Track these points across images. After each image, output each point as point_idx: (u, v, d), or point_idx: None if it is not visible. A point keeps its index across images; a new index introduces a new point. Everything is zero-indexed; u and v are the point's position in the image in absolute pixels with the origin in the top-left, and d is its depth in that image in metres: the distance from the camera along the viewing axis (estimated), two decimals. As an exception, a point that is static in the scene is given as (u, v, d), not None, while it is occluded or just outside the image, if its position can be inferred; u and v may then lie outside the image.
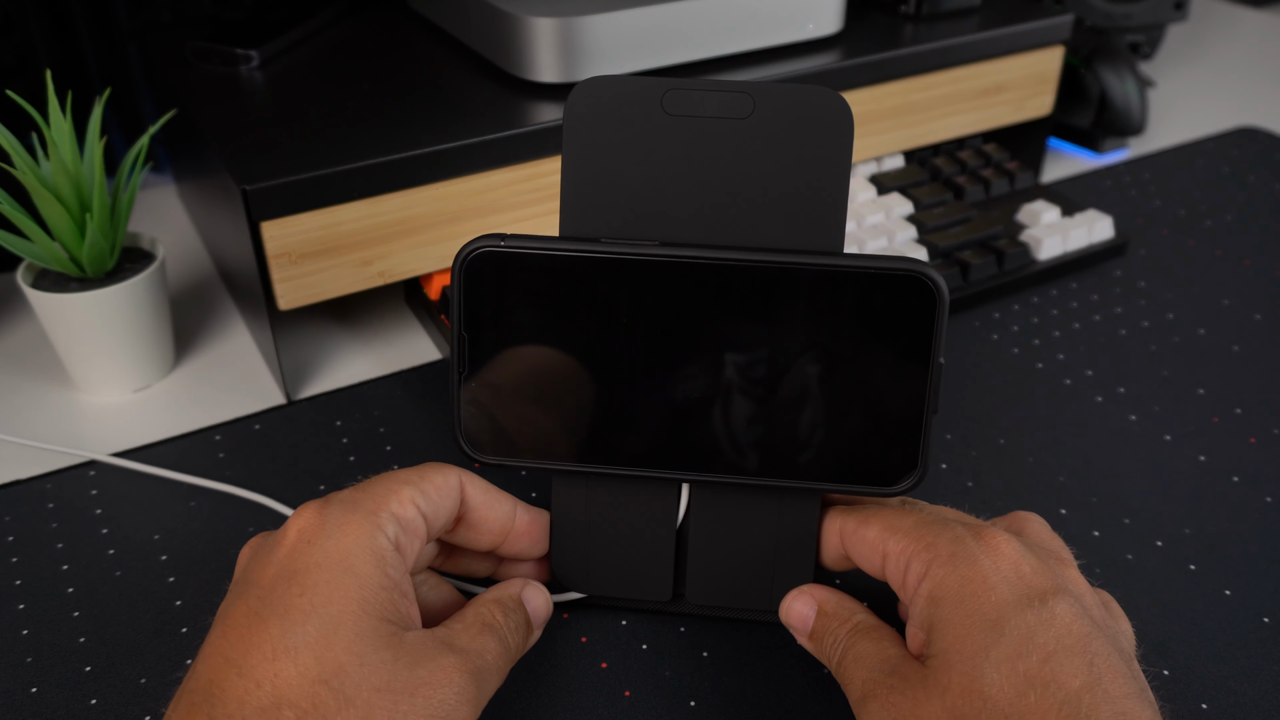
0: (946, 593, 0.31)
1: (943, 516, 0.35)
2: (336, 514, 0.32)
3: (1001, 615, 0.30)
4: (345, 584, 0.30)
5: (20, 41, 0.64)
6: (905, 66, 0.61)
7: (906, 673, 0.32)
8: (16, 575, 0.43)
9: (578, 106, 0.35)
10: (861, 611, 0.36)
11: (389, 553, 0.32)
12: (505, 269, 0.35)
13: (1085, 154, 0.78)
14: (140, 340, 0.53)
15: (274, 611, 0.30)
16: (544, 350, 0.36)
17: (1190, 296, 0.61)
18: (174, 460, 0.49)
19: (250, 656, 0.29)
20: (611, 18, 0.54)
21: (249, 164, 0.48)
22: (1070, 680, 0.29)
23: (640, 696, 0.38)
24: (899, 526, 0.34)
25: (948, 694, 0.30)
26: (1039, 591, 0.31)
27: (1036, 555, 0.33)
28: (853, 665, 0.34)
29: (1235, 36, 1.03)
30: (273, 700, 0.28)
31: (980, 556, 0.32)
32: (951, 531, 0.33)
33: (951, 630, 0.31)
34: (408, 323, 0.59)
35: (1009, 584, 0.31)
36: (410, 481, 0.34)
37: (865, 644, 0.34)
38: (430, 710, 0.30)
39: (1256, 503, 0.46)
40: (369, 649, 0.30)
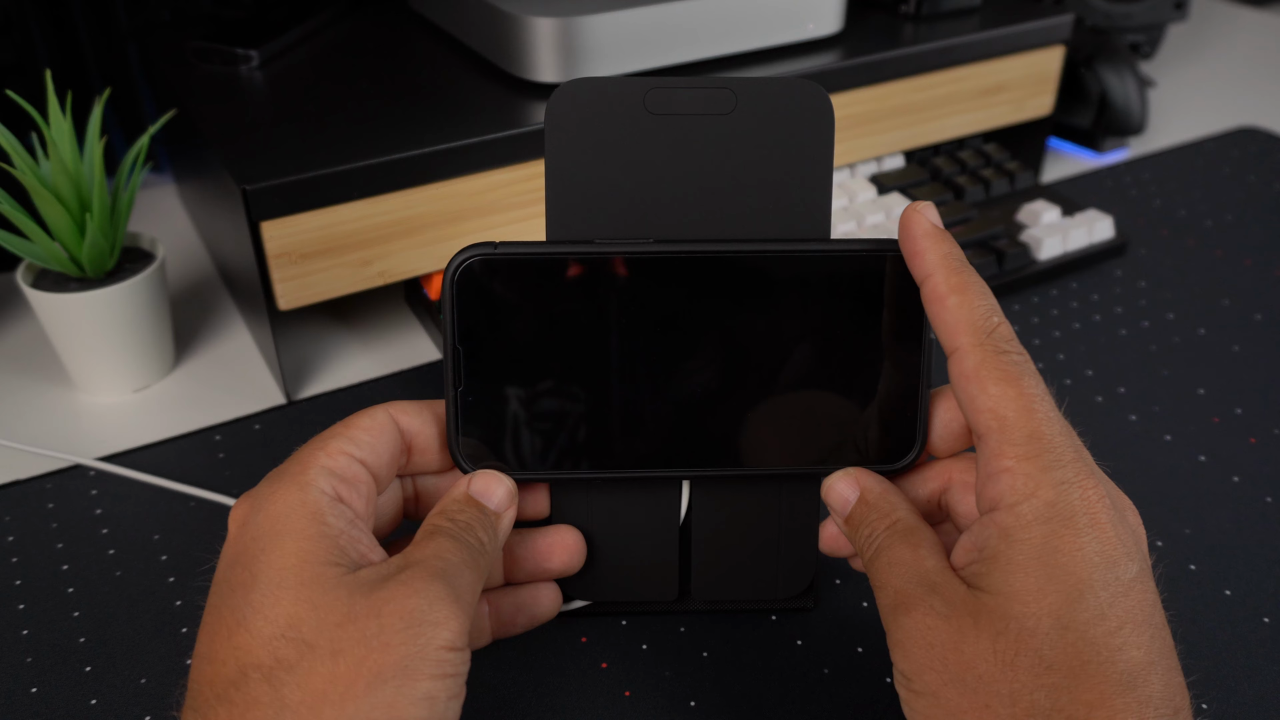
0: (1029, 540, 0.30)
1: (1058, 425, 0.31)
2: (264, 490, 0.32)
3: (1086, 580, 0.29)
4: (282, 545, 0.30)
5: (20, 41, 0.64)
6: (905, 66, 0.61)
7: (951, 596, 0.30)
8: (16, 575, 0.43)
9: (559, 110, 0.35)
10: (903, 508, 0.34)
11: (326, 503, 0.31)
12: (498, 277, 0.35)
13: (1085, 154, 0.78)
14: (140, 340, 0.53)
15: (224, 597, 0.30)
16: (541, 357, 0.35)
17: (1190, 296, 0.61)
18: (174, 460, 0.49)
19: (214, 643, 0.29)
20: (611, 18, 0.54)
21: (249, 164, 0.48)
22: (1134, 653, 0.28)
23: (640, 696, 0.38)
24: (1012, 429, 0.31)
25: (1000, 640, 0.29)
26: (1120, 559, 0.29)
27: (1116, 510, 0.31)
28: (886, 569, 0.32)
29: (1235, 36, 1.03)
30: (238, 670, 0.28)
31: (1078, 517, 0.30)
32: (1059, 474, 0.30)
33: (1022, 577, 0.29)
34: (408, 323, 0.59)
35: (1097, 549, 0.29)
36: (336, 434, 0.34)
37: (902, 549, 0.32)
38: (403, 622, 0.29)
39: (1256, 503, 0.46)
40: (319, 593, 0.29)
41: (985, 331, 0.32)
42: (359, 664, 0.28)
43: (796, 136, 0.35)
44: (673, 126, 0.35)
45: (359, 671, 0.28)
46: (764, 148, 0.35)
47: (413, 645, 0.28)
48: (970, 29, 0.64)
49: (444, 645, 0.29)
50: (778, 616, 0.41)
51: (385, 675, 0.28)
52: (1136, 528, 0.31)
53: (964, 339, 0.32)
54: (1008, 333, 0.32)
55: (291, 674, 0.28)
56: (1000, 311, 0.32)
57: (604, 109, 0.34)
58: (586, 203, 0.35)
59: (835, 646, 0.40)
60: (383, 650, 0.28)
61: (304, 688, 0.28)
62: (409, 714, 0.28)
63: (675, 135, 0.35)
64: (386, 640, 0.28)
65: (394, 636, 0.28)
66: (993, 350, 0.31)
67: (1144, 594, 0.29)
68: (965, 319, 0.32)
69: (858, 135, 0.63)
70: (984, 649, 0.29)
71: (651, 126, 0.35)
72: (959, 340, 0.32)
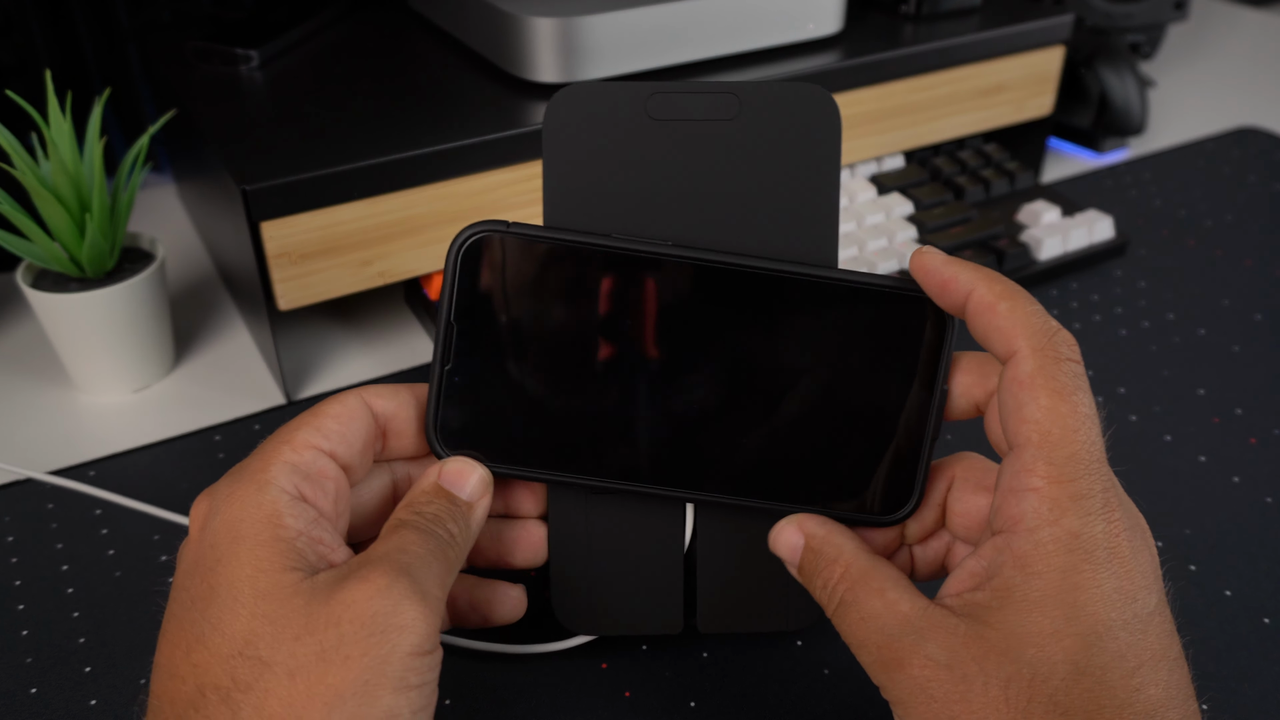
0: (1047, 575, 0.28)
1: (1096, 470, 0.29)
2: (223, 490, 0.31)
3: (1105, 621, 0.27)
4: (238, 555, 0.29)
5: (20, 41, 0.64)
6: (905, 66, 0.61)
7: (947, 640, 0.28)
8: (16, 575, 0.43)
9: (558, 116, 0.33)
10: (851, 549, 0.32)
11: (285, 503, 0.30)
12: (506, 257, 0.33)
13: (1085, 154, 0.78)
14: (140, 340, 0.53)
15: (184, 607, 0.29)
16: (538, 347, 0.34)
17: (1190, 296, 0.61)
18: (174, 460, 0.49)
19: (173, 657, 0.29)
20: (611, 18, 0.54)
21: (249, 164, 0.48)
22: (1152, 692, 0.27)
23: (640, 696, 0.38)
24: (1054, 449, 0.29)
25: (1012, 687, 0.27)
26: (1138, 595, 0.28)
27: (1135, 540, 0.29)
28: (859, 626, 0.30)
29: (1235, 36, 1.03)
30: (196, 689, 0.27)
31: (1099, 550, 0.28)
32: (1088, 504, 0.28)
33: (1039, 618, 0.28)
34: (408, 323, 0.59)
35: (1116, 586, 0.28)
36: (303, 424, 0.32)
37: (869, 599, 0.30)
38: (364, 630, 0.27)
39: (1256, 503, 0.46)
40: (276, 605, 0.28)
41: (1046, 335, 0.30)
42: (315, 684, 0.27)
43: (802, 142, 0.34)
44: (675, 133, 0.34)
45: (315, 692, 0.27)
46: (769, 154, 0.34)
47: (374, 655, 0.27)
48: (970, 29, 0.64)
49: (410, 651, 0.28)
50: (778, 616, 0.41)
51: (344, 694, 0.27)
52: (1154, 554, 0.30)
53: (1022, 342, 0.30)
54: (1069, 339, 0.30)
55: (248, 696, 0.27)
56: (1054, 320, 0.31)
57: (605, 115, 0.33)
58: (586, 211, 0.34)
59: (835, 646, 0.40)
60: (342, 665, 0.27)
61: (260, 711, 0.27)
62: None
63: (678, 141, 0.34)
64: (346, 653, 0.27)
65: (354, 648, 0.27)
66: (1053, 357, 0.30)
67: (1162, 627, 0.28)
68: (1022, 322, 0.30)
69: (858, 135, 0.63)
70: (994, 698, 0.27)
71: (653, 133, 0.34)
72: (1017, 344, 0.30)
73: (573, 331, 0.34)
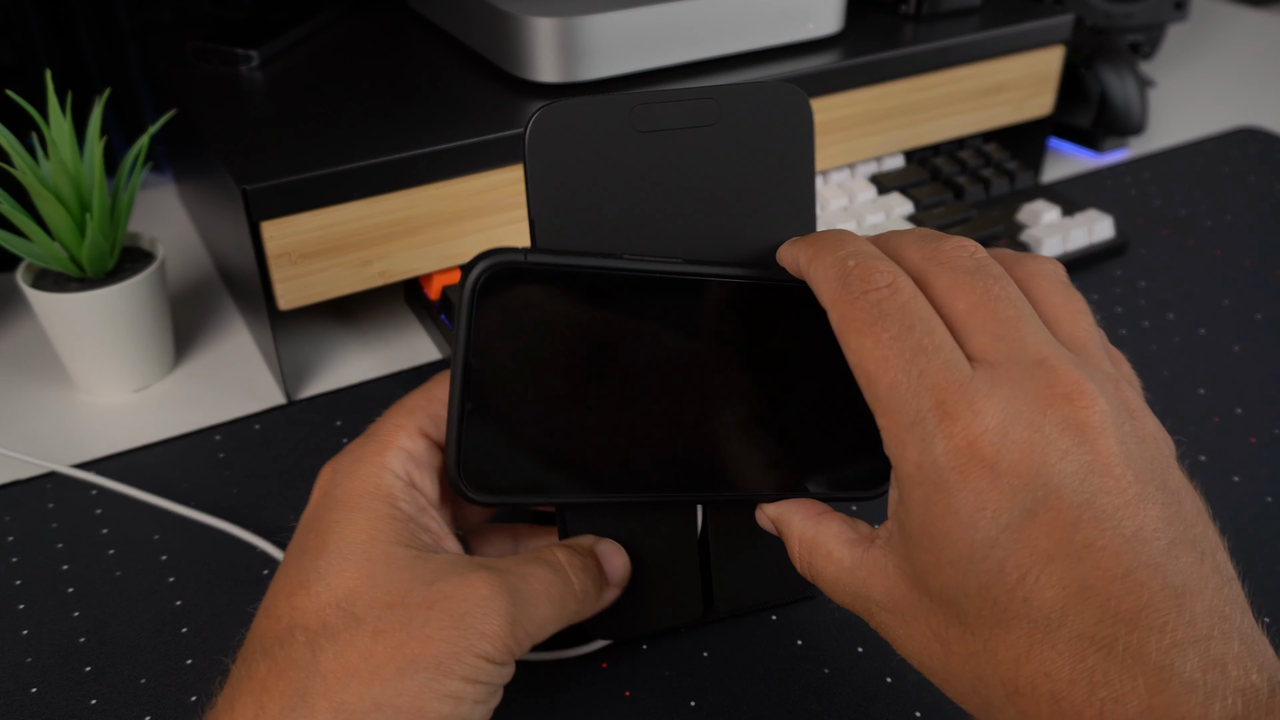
0: (911, 511, 0.28)
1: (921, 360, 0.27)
2: (345, 465, 0.33)
3: (970, 543, 0.27)
4: (355, 520, 0.31)
5: (20, 41, 0.64)
6: (905, 66, 0.61)
7: (881, 585, 0.29)
8: (16, 575, 0.43)
9: (540, 137, 0.32)
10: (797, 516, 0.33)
11: (400, 489, 0.32)
12: (525, 288, 0.32)
13: (1085, 154, 0.78)
14: (140, 340, 0.53)
15: (294, 556, 0.31)
16: (558, 376, 0.33)
17: (1190, 296, 0.61)
18: (174, 460, 0.49)
19: (274, 598, 0.31)
20: (611, 18, 0.54)
21: (249, 164, 0.48)
22: (1045, 594, 0.25)
23: (640, 696, 0.38)
24: (876, 383, 0.28)
25: (932, 617, 0.28)
26: (1017, 493, 0.26)
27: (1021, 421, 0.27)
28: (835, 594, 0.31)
29: (1235, 36, 1.03)
30: (287, 628, 0.29)
31: (945, 472, 0.27)
32: (919, 426, 0.27)
33: (919, 553, 0.28)
34: (408, 323, 0.59)
35: (978, 503, 0.26)
36: (417, 408, 0.34)
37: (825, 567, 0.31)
38: (450, 621, 0.29)
39: (1256, 503, 0.46)
40: (382, 570, 0.30)
41: (839, 279, 0.29)
42: (396, 648, 0.29)
43: (780, 138, 0.35)
44: (661, 142, 0.33)
45: (393, 655, 0.28)
46: (751, 153, 0.34)
47: (452, 644, 0.29)
48: (970, 29, 0.64)
49: (482, 655, 0.29)
50: (778, 616, 0.41)
51: (418, 665, 0.28)
52: (1065, 424, 0.27)
53: (824, 296, 0.29)
54: (865, 270, 0.28)
55: (333, 642, 0.29)
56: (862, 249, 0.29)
57: (589, 130, 0.33)
58: (578, 229, 0.33)
59: (835, 646, 0.40)
60: (423, 641, 0.29)
61: (339, 659, 0.28)
62: (431, 708, 0.29)
63: (664, 151, 0.33)
64: (429, 633, 0.29)
65: (436, 631, 0.29)
66: (847, 298, 0.28)
67: (1053, 522, 0.26)
68: (820, 275, 0.30)
69: (858, 135, 0.63)
70: (923, 630, 0.28)
71: (639, 144, 0.33)
72: (823, 299, 0.29)
73: (596, 356, 0.33)
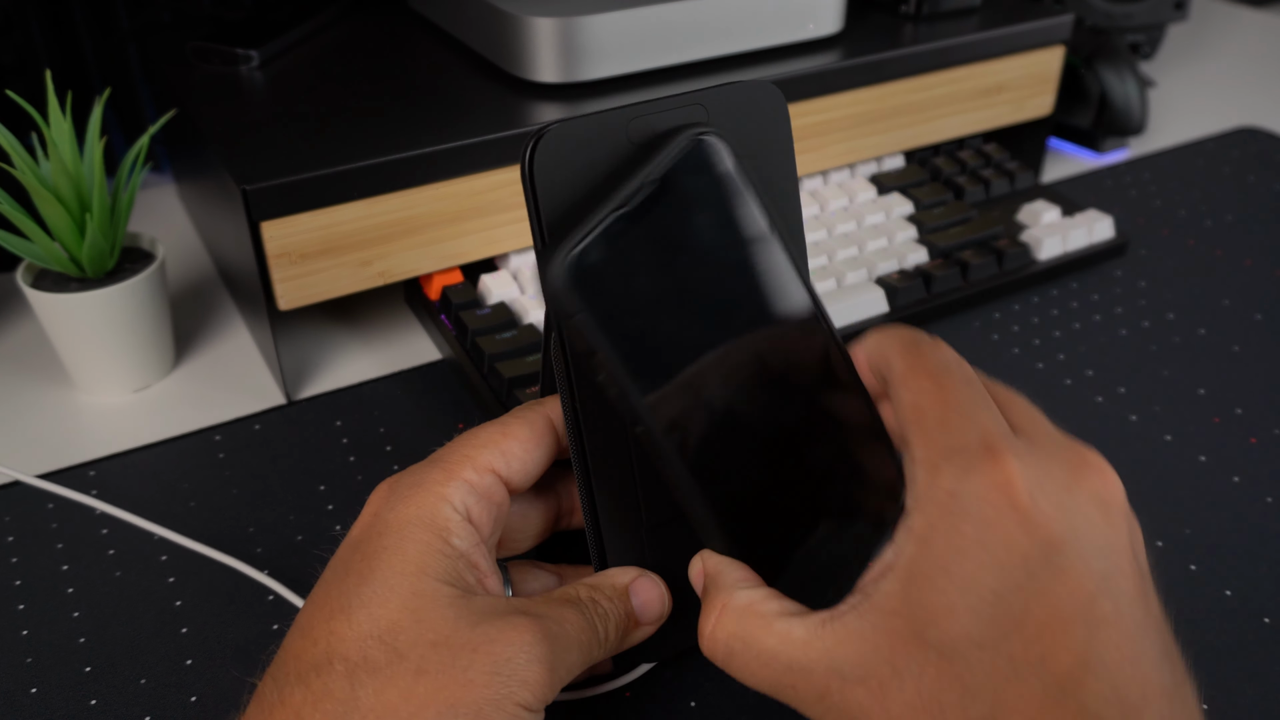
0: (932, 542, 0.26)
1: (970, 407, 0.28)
2: (403, 490, 0.32)
3: (994, 587, 0.26)
4: (404, 549, 0.30)
5: (20, 41, 0.64)
6: (905, 66, 0.61)
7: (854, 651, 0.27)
8: (16, 575, 0.43)
9: (545, 158, 0.32)
10: (732, 577, 0.30)
11: (455, 523, 0.31)
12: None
13: (1085, 154, 0.78)
14: (140, 340, 0.53)
15: (338, 576, 0.31)
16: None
17: (1190, 296, 0.61)
18: (174, 460, 0.49)
19: (313, 618, 0.30)
20: (611, 18, 0.54)
21: (249, 164, 0.48)
22: (1061, 658, 0.25)
23: (640, 696, 0.38)
24: (925, 418, 0.28)
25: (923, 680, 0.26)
26: (1047, 547, 0.26)
27: (1054, 482, 0.27)
28: (762, 670, 0.28)
29: (1235, 36, 1.03)
30: (325, 655, 0.29)
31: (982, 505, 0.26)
32: (961, 456, 0.27)
33: (931, 595, 0.26)
34: (408, 323, 0.59)
35: (1008, 543, 0.26)
36: (490, 443, 0.33)
37: (761, 638, 0.28)
38: (493, 667, 0.28)
39: (1256, 503, 0.46)
40: (427, 607, 0.29)
41: (909, 339, 0.30)
42: (437, 690, 0.28)
43: (763, 135, 0.35)
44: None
45: (435, 697, 0.28)
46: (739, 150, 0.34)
47: (495, 690, 0.28)
48: (970, 29, 0.64)
49: (522, 704, 0.29)
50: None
51: (459, 709, 0.28)
52: (1095, 496, 0.27)
53: (891, 355, 0.30)
54: (927, 336, 0.30)
55: (373, 678, 0.28)
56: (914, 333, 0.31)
57: (590, 149, 0.33)
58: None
59: (835, 646, 0.40)
60: (465, 686, 0.28)
61: (379, 696, 0.28)
62: None
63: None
64: (471, 677, 0.28)
65: (479, 675, 0.28)
66: (915, 351, 0.30)
67: (1079, 583, 0.25)
68: (885, 340, 0.31)
69: (858, 135, 0.63)
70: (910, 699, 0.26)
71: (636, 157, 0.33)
72: (888, 360, 0.30)
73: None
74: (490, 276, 0.55)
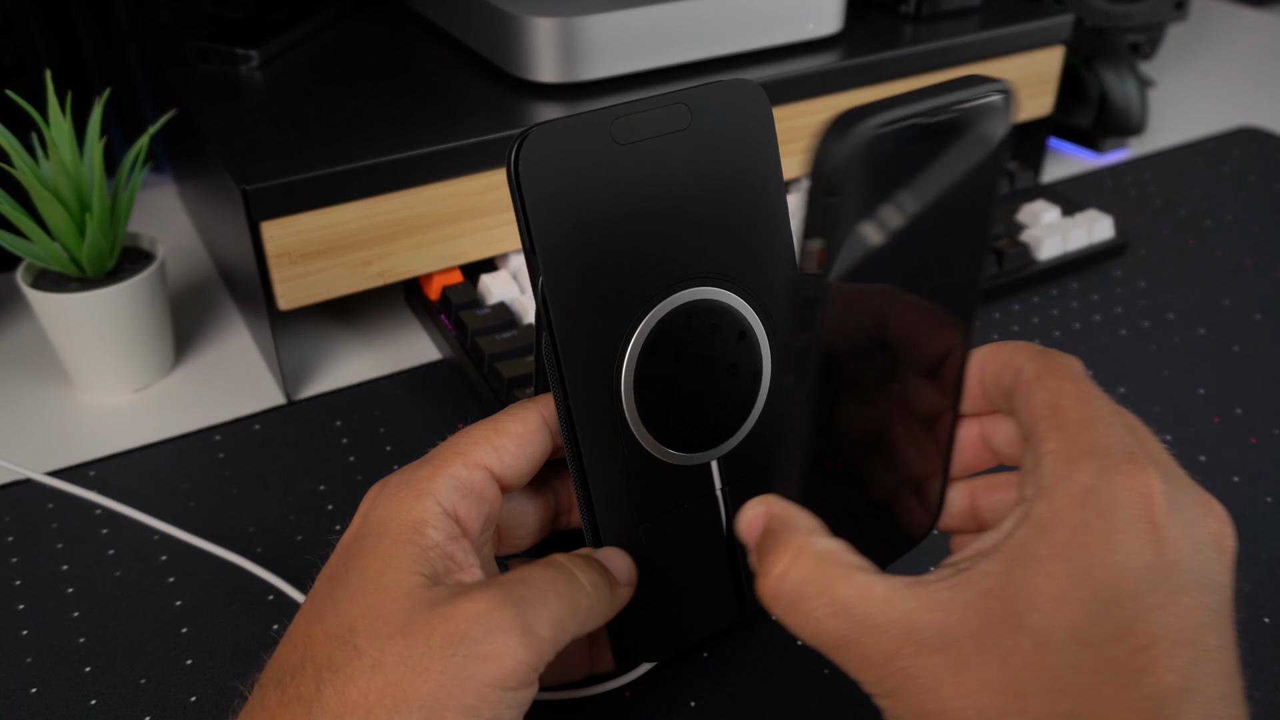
0: (1058, 531, 0.26)
1: (1114, 415, 0.28)
2: (390, 490, 0.32)
3: (1112, 588, 0.25)
4: (376, 548, 0.30)
5: (20, 41, 0.64)
6: (905, 66, 0.61)
7: (938, 620, 0.25)
8: (16, 575, 0.43)
9: (531, 159, 0.32)
10: (809, 523, 0.28)
11: (433, 516, 0.31)
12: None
13: (1085, 154, 0.78)
14: (140, 340, 0.53)
15: (322, 583, 0.31)
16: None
17: (1190, 296, 0.61)
18: (174, 460, 0.49)
19: (296, 625, 0.30)
20: (611, 18, 0.54)
21: (249, 164, 0.48)
22: (1164, 676, 0.24)
23: (640, 696, 0.38)
24: (1065, 415, 0.27)
25: (1010, 664, 0.24)
26: (1169, 566, 0.25)
27: (1184, 513, 0.26)
28: (829, 620, 0.26)
29: (1235, 36, 1.03)
30: (300, 659, 0.29)
31: (1120, 508, 0.25)
32: (1105, 460, 0.26)
33: (1043, 579, 0.25)
34: (408, 323, 0.59)
35: (1136, 550, 0.25)
36: (483, 439, 0.33)
37: (838, 587, 0.26)
38: (448, 647, 0.27)
39: (1256, 503, 0.46)
40: (387, 601, 0.29)
41: (1041, 350, 0.30)
42: (391, 684, 0.27)
43: (746, 131, 0.35)
44: (641, 152, 0.34)
45: (388, 692, 0.27)
46: (724, 150, 0.35)
47: (451, 675, 0.27)
48: (970, 29, 0.64)
49: (490, 682, 0.27)
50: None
51: (413, 703, 0.27)
52: (1215, 538, 0.27)
53: (1024, 358, 0.29)
54: (1069, 356, 0.30)
55: (335, 677, 0.28)
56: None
57: (575, 150, 0.33)
58: (577, 249, 0.34)
59: (835, 646, 0.40)
60: (421, 675, 0.27)
61: (340, 695, 0.27)
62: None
63: (644, 160, 0.34)
64: (427, 665, 0.27)
65: (434, 662, 0.27)
66: (1054, 360, 0.29)
67: (1193, 609, 0.25)
68: (1017, 347, 0.30)
69: (858, 135, 0.62)
70: (990, 677, 0.25)
71: (622, 156, 0.34)
72: (1019, 360, 0.29)
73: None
74: (490, 276, 0.55)
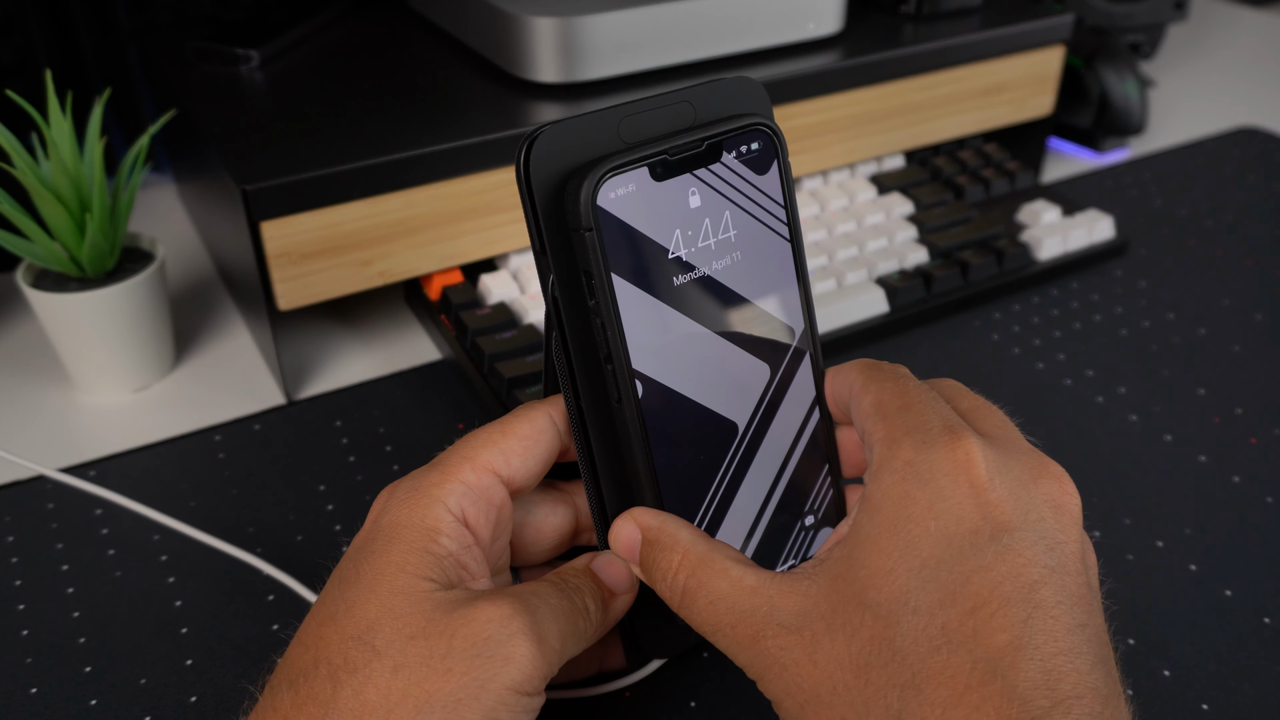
0: (883, 508, 0.27)
1: (933, 401, 0.30)
2: (399, 495, 0.32)
3: (937, 554, 0.26)
4: (389, 551, 0.30)
5: (20, 41, 0.64)
6: (905, 66, 0.61)
7: (795, 604, 0.27)
8: (16, 575, 0.43)
9: (540, 159, 0.32)
10: (686, 532, 0.31)
11: (446, 524, 0.31)
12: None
13: (1085, 154, 0.78)
14: (140, 340, 0.53)
15: (333, 585, 0.31)
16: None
17: (1190, 296, 0.61)
18: (174, 460, 0.49)
19: (306, 626, 0.30)
20: (611, 18, 0.54)
21: (249, 164, 0.48)
22: (997, 636, 0.25)
23: (640, 696, 0.38)
24: (886, 408, 0.30)
25: (855, 640, 0.26)
26: (996, 527, 0.26)
27: (1013, 475, 0.28)
28: (709, 610, 0.29)
29: (1235, 36, 1.03)
30: (313, 660, 0.29)
31: (939, 476, 0.27)
32: (923, 436, 0.28)
33: (876, 556, 0.27)
34: (408, 323, 0.59)
35: (958, 515, 0.26)
36: (490, 442, 0.33)
37: (714, 581, 0.29)
38: (472, 649, 0.28)
39: (1256, 503, 0.46)
40: (405, 603, 0.29)
41: (872, 365, 0.33)
42: (414, 685, 0.28)
43: None
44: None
45: (410, 692, 0.27)
46: None
47: (475, 676, 0.28)
48: (970, 29, 0.64)
49: (509, 685, 0.28)
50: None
51: (435, 703, 0.27)
52: (1052, 497, 0.28)
53: (854, 374, 0.33)
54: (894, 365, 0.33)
55: (352, 678, 0.28)
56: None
57: (582, 149, 0.33)
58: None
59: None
60: (444, 675, 0.28)
61: (358, 696, 0.28)
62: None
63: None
64: (450, 665, 0.28)
65: (458, 663, 0.28)
66: (877, 368, 0.32)
67: (1023, 567, 0.26)
68: (850, 367, 0.33)
69: (858, 135, 0.63)
70: (839, 654, 0.26)
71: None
72: (850, 377, 0.33)
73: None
74: (490, 276, 0.55)
